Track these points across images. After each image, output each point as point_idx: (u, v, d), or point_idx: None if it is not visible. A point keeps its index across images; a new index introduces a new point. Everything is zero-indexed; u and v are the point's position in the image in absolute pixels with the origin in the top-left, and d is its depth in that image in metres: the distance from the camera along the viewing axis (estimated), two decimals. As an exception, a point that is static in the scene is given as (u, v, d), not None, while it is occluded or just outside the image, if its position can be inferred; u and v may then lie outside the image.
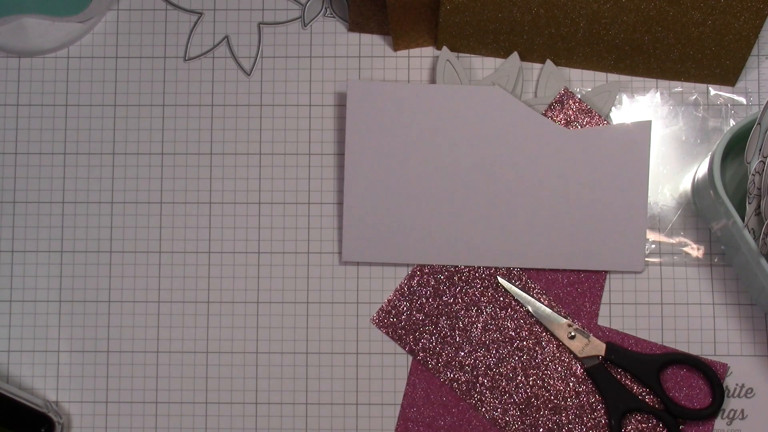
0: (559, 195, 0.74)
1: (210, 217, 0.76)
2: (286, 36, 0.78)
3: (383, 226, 0.74)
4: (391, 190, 0.74)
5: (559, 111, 0.76)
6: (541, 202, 0.74)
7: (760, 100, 0.76)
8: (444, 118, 0.74)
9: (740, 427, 0.73)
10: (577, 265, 0.74)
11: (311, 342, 0.75)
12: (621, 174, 0.74)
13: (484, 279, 0.75)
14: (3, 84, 0.78)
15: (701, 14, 0.73)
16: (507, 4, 0.74)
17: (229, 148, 0.77)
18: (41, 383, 0.75)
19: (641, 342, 0.74)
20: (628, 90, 0.77)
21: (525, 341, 0.74)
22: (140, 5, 0.79)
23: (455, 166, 0.74)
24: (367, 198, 0.74)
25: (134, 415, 0.75)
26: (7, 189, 0.77)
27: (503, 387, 0.74)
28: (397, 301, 0.75)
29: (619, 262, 0.74)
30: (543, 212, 0.74)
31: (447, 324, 0.75)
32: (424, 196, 0.74)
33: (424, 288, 0.75)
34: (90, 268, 0.76)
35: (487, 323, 0.74)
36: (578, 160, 0.74)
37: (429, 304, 0.75)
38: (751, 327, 0.74)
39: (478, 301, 0.75)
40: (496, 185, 0.74)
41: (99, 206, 0.77)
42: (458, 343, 0.74)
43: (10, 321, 0.76)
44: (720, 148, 0.69)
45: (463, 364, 0.74)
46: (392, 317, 0.75)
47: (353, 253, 0.75)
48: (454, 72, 0.76)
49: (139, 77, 0.78)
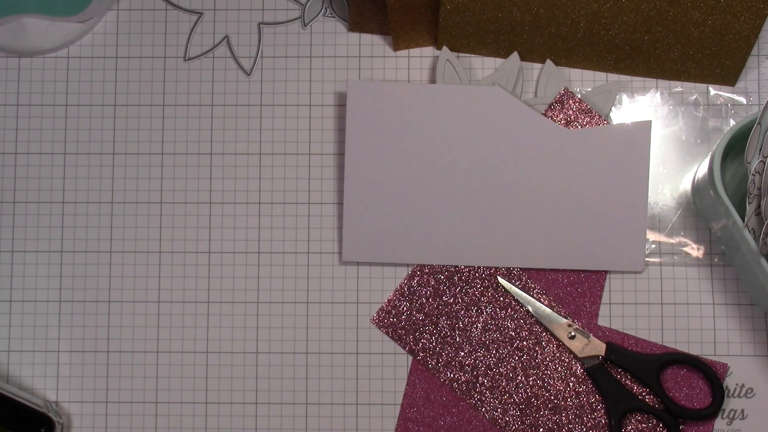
0: (559, 195, 0.74)
1: (210, 217, 0.76)
2: (286, 36, 0.78)
3: (383, 226, 0.74)
4: (391, 190, 0.74)
5: (559, 111, 0.76)
6: (541, 202, 0.74)
7: (760, 100, 0.76)
8: (444, 118, 0.74)
9: (740, 427, 0.73)
10: (577, 265, 0.74)
11: (311, 342, 0.75)
12: (621, 174, 0.74)
13: (484, 279, 0.75)
14: (3, 84, 0.78)
15: (701, 14, 0.73)
16: (507, 4, 0.74)
17: (229, 148, 0.77)
18: (41, 383, 0.75)
19: (641, 342, 0.74)
20: (628, 90, 0.77)
21: (525, 341, 0.74)
22: (140, 5, 0.79)
23: (455, 166, 0.74)
24: (367, 198, 0.74)
25: (134, 415, 0.75)
26: (7, 189, 0.77)
27: (503, 387, 0.74)
28: (397, 301, 0.75)
29: (619, 262, 0.74)
30: (543, 212, 0.74)
31: (447, 324, 0.75)
32: (424, 196, 0.74)
33: (424, 288, 0.75)
34: (90, 268, 0.76)
35: (487, 323, 0.74)
36: (578, 160, 0.74)
37: (429, 304, 0.75)
38: (751, 327, 0.74)
39: (478, 301, 0.75)
40: (496, 185, 0.74)
41: (99, 206, 0.77)
42: (458, 343, 0.74)
43: (10, 321, 0.76)
44: (720, 148, 0.69)
45: (463, 364, 0.74)
46: (392, 317, 0.75)
47: (353, 253, 0.75)
48: (454, 72, 0.76)
49: (139, 77, 0.78)
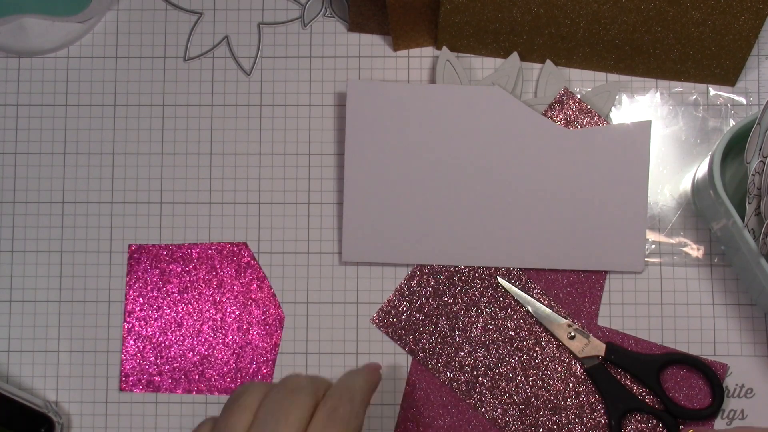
0: (559, 195, 0.74)
1: (210, 217, 0.76)
2: (286, 36, 0.78)
3: (383, 226, 0.74)
4: (390, 190, 0.74)
5: (559, 111, 0.76)
6: (540, 202, 0.74)
7: (760, 100, 0.76)
8: (444, 118, 0.74)
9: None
10: (577, 265, 0.74)
11: (311, 342, 0.75)
12: (621, 174, 0.74)
13: (483, 279, 0.75)
14: (3, 84, 0.78)
15: (701, 14, 0.73)
16: (507, 4, 0.74)
17: (229, 148, 0.77)
18: (41, 383, 0.75)
19: (641, 342, 0.74)
20: (628, 90, 0.77)
21: (525, 341, 0.74)
22: (140, 5, 0.79)
23: (455, 167, 0.74)
24: (367, 198, 0.74)
25: (134, 415, 0.75)
26: (7, 189, 0.77)
27: (503, 387, 0.74)
28: (396, 301, 0.75)
29: (620, 262, 0.74)
30: (543, 212, 0.74)
31: (447, 324, 0.75)
32: (423, 197, 0.74)
33: (424, 288, 0.75)
34: (90, 268, 0.76)
35: (487, 323, 0.74)
36: (578, 160, 0.74)
37: (429, 305, 0.75)
38: (751, 327, 0.74)
39: (478, 302, 0.75)
40: (496, 185, 0.74)
41: (99, 206, 0.77)
42: (458, 343, 0.74)
43: (10, 321, 0.76)
44: (720, 148, 0.69)
45: (463, 364, 0.74)
46: (392, 317, 0.75)
47: (353, 253, 0.75)
48: (454, 72, 0.76)
49: (139, 77, 0.78)
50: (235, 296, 0.75)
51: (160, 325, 0.74)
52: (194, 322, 0.74)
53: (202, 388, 0.74)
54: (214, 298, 0.75)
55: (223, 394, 0.74)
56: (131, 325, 0.75)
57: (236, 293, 0.75)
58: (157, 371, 0.74)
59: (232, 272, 0.75)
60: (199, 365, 0.74)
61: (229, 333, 0.74)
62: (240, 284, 0.75)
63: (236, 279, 0.75)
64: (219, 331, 0.74)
